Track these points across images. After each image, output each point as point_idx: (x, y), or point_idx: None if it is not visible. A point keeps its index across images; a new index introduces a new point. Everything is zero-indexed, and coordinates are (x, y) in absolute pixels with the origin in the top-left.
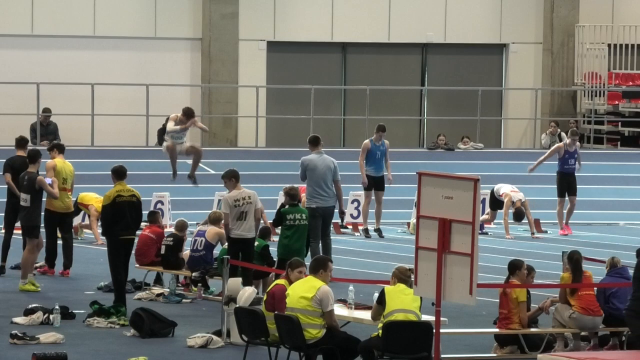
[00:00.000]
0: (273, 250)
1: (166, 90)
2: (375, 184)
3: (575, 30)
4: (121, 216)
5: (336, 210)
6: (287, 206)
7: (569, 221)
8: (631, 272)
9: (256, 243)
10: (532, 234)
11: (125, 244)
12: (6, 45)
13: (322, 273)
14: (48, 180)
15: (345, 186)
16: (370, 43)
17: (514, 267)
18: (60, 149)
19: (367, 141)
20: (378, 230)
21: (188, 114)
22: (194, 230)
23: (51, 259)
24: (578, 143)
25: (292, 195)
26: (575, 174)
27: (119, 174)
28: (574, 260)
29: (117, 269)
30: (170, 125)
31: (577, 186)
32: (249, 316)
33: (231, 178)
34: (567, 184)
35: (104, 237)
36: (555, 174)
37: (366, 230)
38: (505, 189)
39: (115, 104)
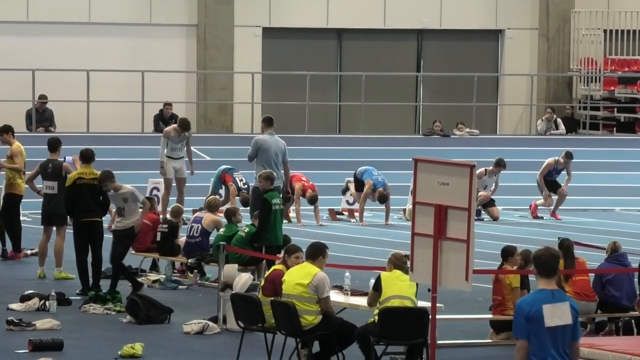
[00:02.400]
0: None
1: (162, 76)
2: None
3: (571, 16)
4: (81, 199)
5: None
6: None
7: (558, 209)
8: (631, 258)
9: (247, 230)
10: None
11: (88, 226)
12: (2, 31)
13: (321, 260)
14: (69, 160)
15: (340, 172)
16: (366, 29)
17: (507, 253)
18: (13, 131)
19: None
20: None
21: (183, 125)
22: (190, 217)
23: (18, 243)
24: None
25: (272, 179)
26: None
27: (84, 157)
28: (564, 247)
29: (79, 253)
30: (164, 140)
31: (573, 172)
32: (245, 302)
33: None
34: (549, 186)
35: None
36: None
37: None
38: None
39: (111, 91)
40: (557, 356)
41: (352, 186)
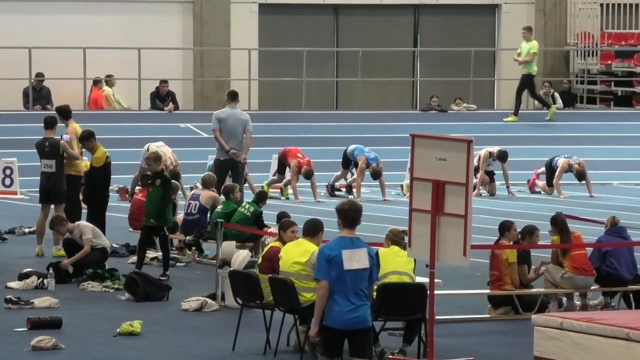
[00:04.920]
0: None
1: (158, 53)
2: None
3: None
4: (109, 179)
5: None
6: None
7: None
8: (629, 232)
9: (252, 209)
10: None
11: (105, 207)
12: None
13: (319, 236)
14: (66, 138)
15: (337, 148)
16: (363, 4)
17: (504, 228)
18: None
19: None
20: (348, 187)
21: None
22: (188, 194)
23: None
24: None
25: (160, 160)
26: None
27: (94, 135)
28: (558, 223)
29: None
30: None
31: (570, 146)
32: (244, 279)
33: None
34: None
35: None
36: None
37: (332, 188)
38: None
39: (107, 68)
40: (355, 295)
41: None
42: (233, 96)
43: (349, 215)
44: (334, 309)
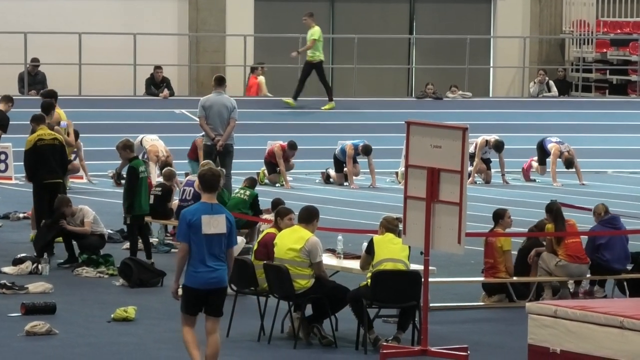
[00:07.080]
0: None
1: (154, 39)
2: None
3: None
4: (44, 160)
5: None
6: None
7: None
8: (624, 221)
9: (248, 192)
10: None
11: (50, 188)
12: None
13: (315, 223)
14: (63, 124)
15: (332, 135)
16: None
17: (497, 216)
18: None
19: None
20: (344, 176)
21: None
22: (182, 180)
23: None
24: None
25: (131, 147)
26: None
27: (38, 118)
28: (554, 211)
29: (41, 215)
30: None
31: (565, 134)
32: (238, 266)
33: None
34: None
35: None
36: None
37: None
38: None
39: (103, 53)
40: (212, 258)
41: (332, 172)
42: (220, 81)
43: (206, 180)
44: (194, 271)
